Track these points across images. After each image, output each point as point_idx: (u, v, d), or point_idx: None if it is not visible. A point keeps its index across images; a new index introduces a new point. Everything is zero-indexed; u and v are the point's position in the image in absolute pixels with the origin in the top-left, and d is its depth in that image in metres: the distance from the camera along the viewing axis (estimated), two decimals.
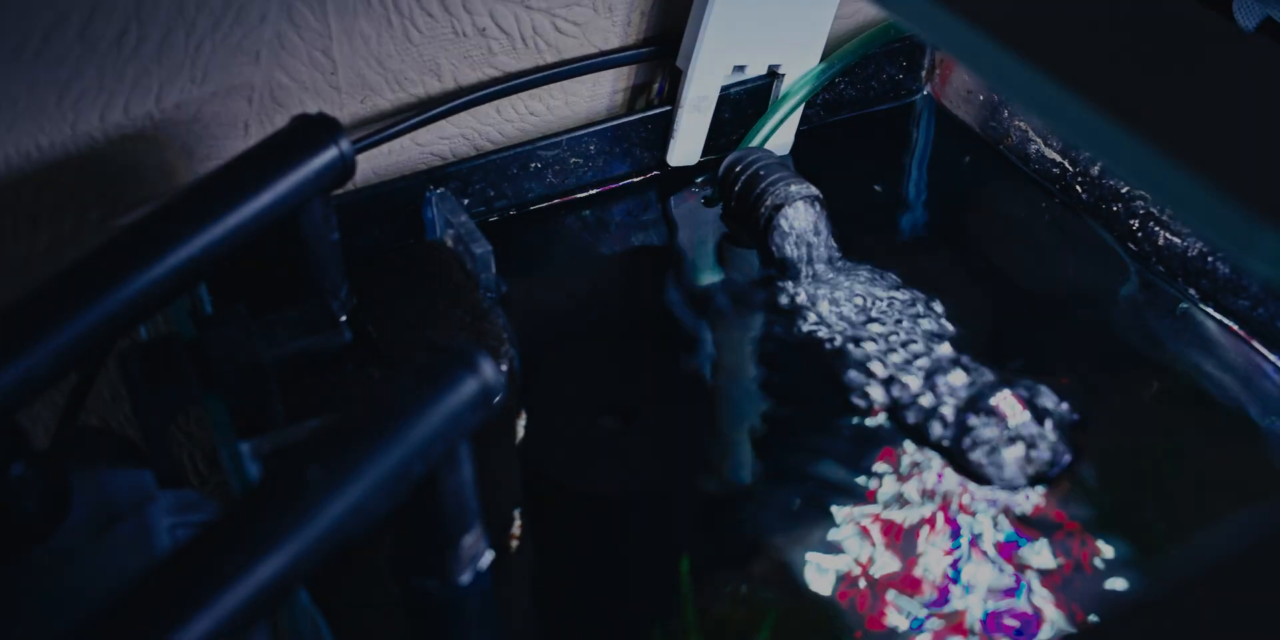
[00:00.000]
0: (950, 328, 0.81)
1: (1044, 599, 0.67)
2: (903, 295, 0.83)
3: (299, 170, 0.72)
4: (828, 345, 0.81)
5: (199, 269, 0.67)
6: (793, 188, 0.86)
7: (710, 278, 0.89)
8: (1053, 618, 0.66)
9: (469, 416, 0.58)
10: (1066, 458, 0.73)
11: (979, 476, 0.73)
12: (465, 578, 0.64)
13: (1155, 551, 0.69)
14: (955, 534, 0.70)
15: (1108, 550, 0.69)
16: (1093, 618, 0.67)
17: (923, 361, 0.78)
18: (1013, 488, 0.72)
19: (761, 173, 0.87)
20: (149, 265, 0.65)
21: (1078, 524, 0.70)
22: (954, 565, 0.69)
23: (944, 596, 0.67)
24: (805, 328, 0.83)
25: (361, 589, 0.66)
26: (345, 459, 0.54)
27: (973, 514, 0.71)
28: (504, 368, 0.76)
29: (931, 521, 0.71)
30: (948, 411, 0.75)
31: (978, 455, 0.73)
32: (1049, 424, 0.74)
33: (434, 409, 0.57)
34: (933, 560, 0.69)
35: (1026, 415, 0.74)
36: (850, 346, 0.80)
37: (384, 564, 0.65)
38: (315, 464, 0.53)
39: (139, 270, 0.65)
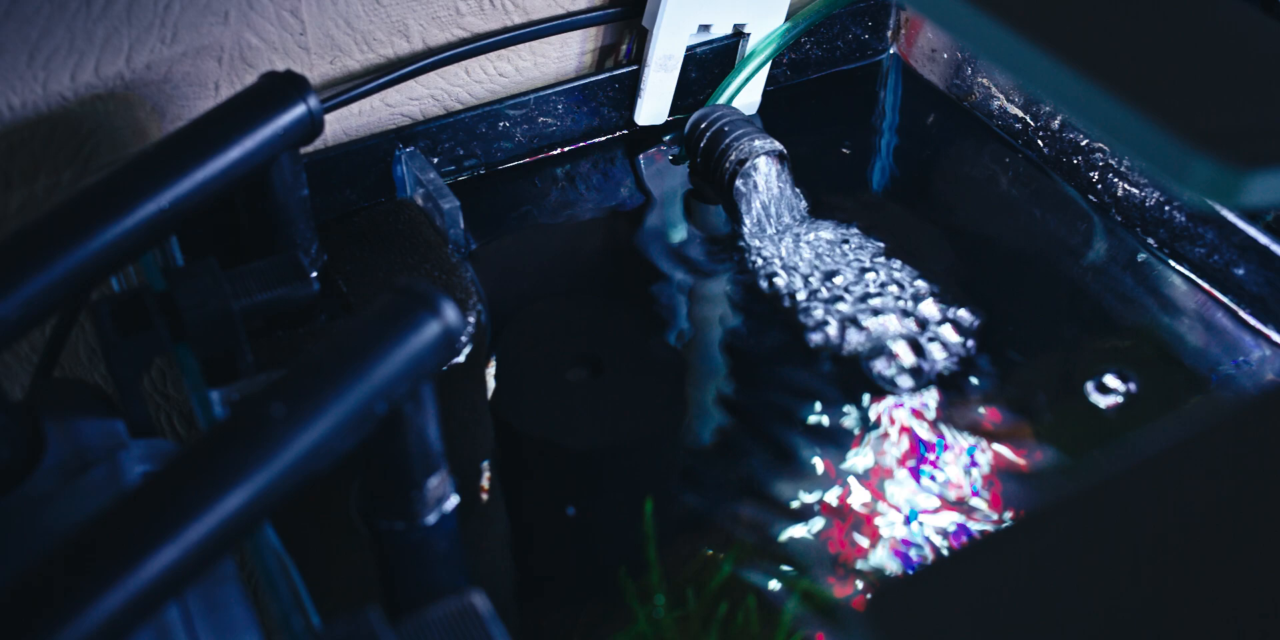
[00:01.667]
0: (917, 279, 0.82)
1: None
2: (867, 248, 0.85)
3: (267, 126, 0.73)
4: (790, 299, 0.82)
5: (169, 221, 0.69)
6: (756, 143, 0.87)
7: (678, 234, 0.90)
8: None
9: (431, 358, 0.59)
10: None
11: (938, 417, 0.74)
12: (431, 519, 0.65)
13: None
14: (917, 471, 0.72)
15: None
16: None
17: (887, 311, 0.80)
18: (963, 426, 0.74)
19: (726, 129, 0.88)
20: (119, 217, 0.67)
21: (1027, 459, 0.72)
22: (915, 507, 0.70)
23: (906, 537, 0.69)
24: (770, 281, 0.84)
25: (330, 531, 0.68)
26: (307, 395, 0.55)
27: (939, 454, 0.73)
28: (471, 319, 0.77)
29: (898, 460, 0.73)
30: (898, 352, 0.77)
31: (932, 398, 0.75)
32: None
33: (396, 348, 0.58)
34: (899, 498, 0.70)
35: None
36: (813, 298, 0.82)
37: (351, 507, 0.66)
38: (277, 400, 0.54)
39: (109, 221, 0.66)
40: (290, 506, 0.65)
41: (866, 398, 0.77)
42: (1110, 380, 0.76)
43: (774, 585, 0.66)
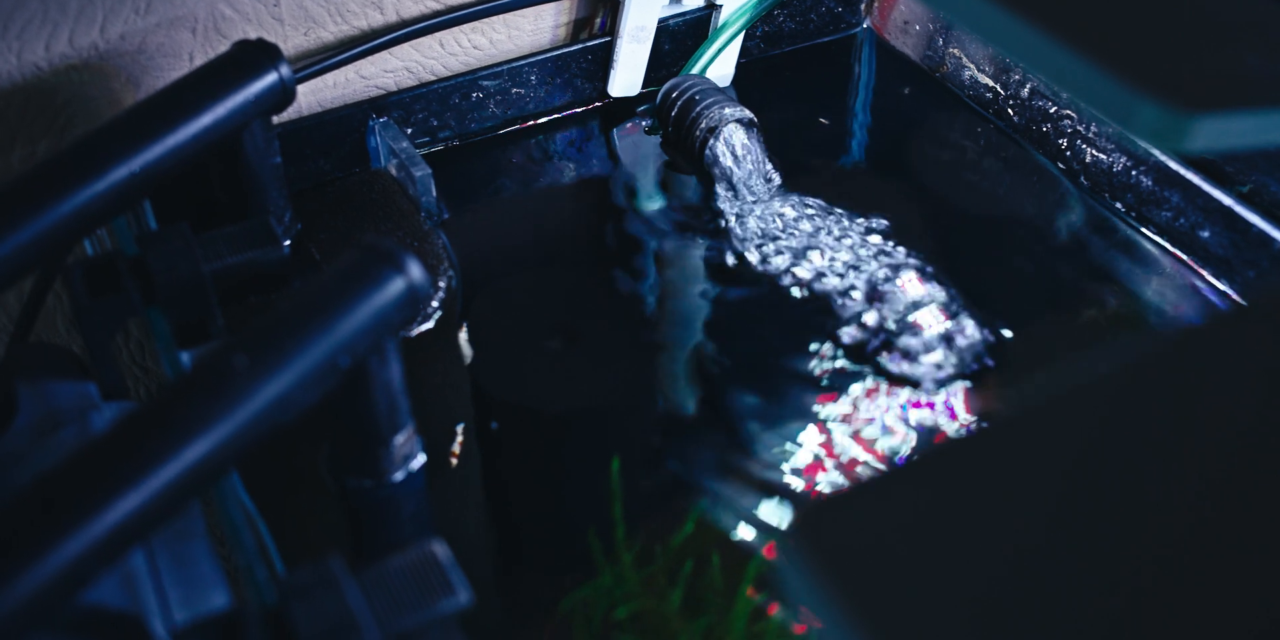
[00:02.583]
0: (889, 247, 0.83)
1: None
2: (840, 215, 0.85)
3: (239, 93, 0.74)
4: (762, 266, 0.83)
5: (140, 185, 0.69)
6: (726, 110, 0.87)
7: (651, 204, 0.90)
8: None
9: (395, 314, 0.60)
10: (974, 366, 0.76)
11: (905, 380, 0.75)
12: (398, 477, 0.66)
13: None
14: (885, 428, 0.73)
15: None
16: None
17: (859, 279, 0.80)
18: (935, 386, 0.74)
19: (697, 97, 0.89)
20: (90, 179, 0.67)
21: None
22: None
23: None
24: (741, 249, 0.84)
25: (299, 488, 0.68)
26: (269, 347, 0.55)
27: (904, 416, 0.74)
28: (442, 285, 0.78)
29: (862, 421, 0.73)
30: (873, 321, 0.78)
31: (901, 364, 0.75)
32: (969, 330, 0.76)
33: (358, 303, 0.58)
34: (881, 447, 0.71)
35: (945, 326, 0.76)
36: (784, 266, 0.82)
37: (321, 465, 0.67)
38: (240, 352, 0.55)
39: (80, 184, 0.67)
40: (263, 467, 0.66)
41: (842, 361, 0.77)
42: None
43: (741, 538, 0.67)
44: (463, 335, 0.80)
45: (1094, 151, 0.85)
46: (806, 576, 0.33)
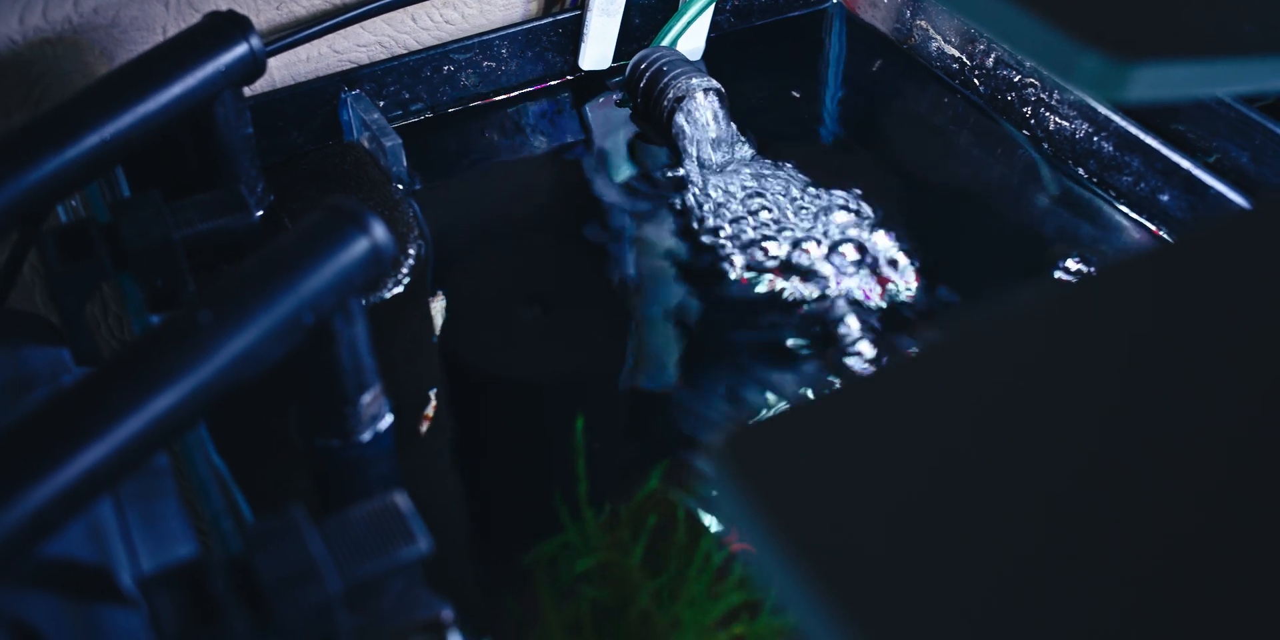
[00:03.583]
0: (865, 215, 0.84)
1: None
2: (802, 181, 0.86)
3: (209, 63, 0.74)
4: (729, 234, 0.84)
5: (111, 153, 0.70)
6: (694, 80, 0.88)
7: (622, 175, 0.91)
8: None
9: (358, 272, 0.61)
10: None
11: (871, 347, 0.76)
12: (366, 436, 0.67)
13: None
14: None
15: None
16: None
17: (825, 244, 0.81)
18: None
19: (665, 68, 0.90)
20: (61, 147, 0.68)
21: None
22: None
23: None
24: (707, 217, 0.85)
25: (272, 450, 0.69)
26: (233, 303, 0.56)
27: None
28: (412, 252, 0.79)
29: (828, 385, 0.74)
30: (839, 289, 0.79)
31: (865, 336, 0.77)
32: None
33: (322, 261, 0.59)
34: None
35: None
36: (751, 233, 0.83)
37: (291, 426, 0.68)
38: (205, 308, 0.56)
39: (51, 151, 0.68)
40: (235, 429, 0.67)
41: (815, 326, 0.78)
42: None
43: (704, 495, 0.68)
44: (434, 302, 0.81)
45: (1057, 119, 0.86)
46: (732, 494, 0.34)
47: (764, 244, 0.83)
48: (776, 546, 0.33)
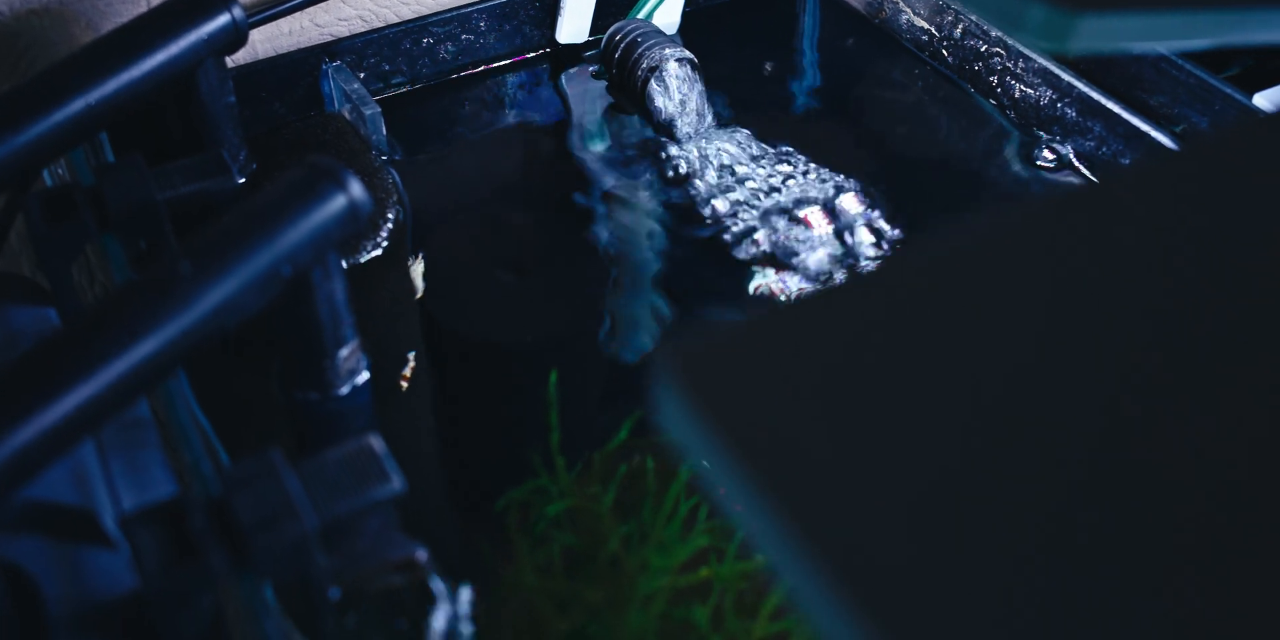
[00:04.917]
0: (836, 180, 0.86)
1: None
2: (785, 152, 0.88)
3: (192, 31, 0.76)
4: (703, 200, 0.86)
5: (95, 118, 0.72)
6: (667, 50, 0.90)
7: (598, 145, 0.93)
8: None
9: (335, 227, 0.63)
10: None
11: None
12: (344, 390, 0.69)
13: None
14: None
15: None
16: None
17: (811, 207, 0.83)
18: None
19: (639, 40, 0.92)
20: (46, 112, 0.70)
21: None
22: None
23: None
24: (689, 185, 0.87)
25: (252, 404, 0.71)
26: (212, 255, 0.58)
27: None
28: (390, 216, 0.80)
29: None
30: (813, 250, 0.81)
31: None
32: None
33: (300, 215, 0.61)
34: None
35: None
36: (724, 197, 0.85)
37: (272, 380, 0.70)
38: (185, 259, 0.58)
39: (36, 116, 0.70)
40: (218, 385, 0.69)
41: (792, 286, 0.80)
42: None
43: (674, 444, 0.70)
44: (413, 266, 0.83)
45: (1022, 87, 0.88)
46: (680, 410, 0.35)
47: (738, 211, 0.84)
48: (725, 458, 0.34)
